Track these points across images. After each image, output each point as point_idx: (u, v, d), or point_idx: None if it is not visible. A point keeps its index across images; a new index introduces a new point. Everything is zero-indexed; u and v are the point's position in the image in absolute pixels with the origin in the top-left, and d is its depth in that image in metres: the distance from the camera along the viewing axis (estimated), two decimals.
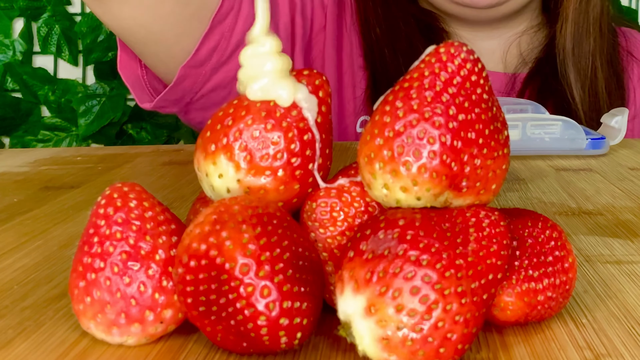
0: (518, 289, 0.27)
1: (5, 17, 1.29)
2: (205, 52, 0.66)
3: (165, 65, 0.68)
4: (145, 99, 0.71)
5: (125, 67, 0.70)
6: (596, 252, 0.37)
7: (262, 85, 0.29)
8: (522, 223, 0.29)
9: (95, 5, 0.61)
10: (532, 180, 0.54)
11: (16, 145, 1.30)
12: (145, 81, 0.71)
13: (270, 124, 0.28)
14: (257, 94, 0.29)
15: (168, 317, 0.27)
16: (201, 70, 0.67)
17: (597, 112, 0.80)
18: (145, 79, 0.70)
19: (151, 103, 0.70)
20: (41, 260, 0.37)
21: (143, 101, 0.71)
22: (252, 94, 0.29)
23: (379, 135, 0.26)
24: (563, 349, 0.27)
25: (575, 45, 0.80)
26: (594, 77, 0.80)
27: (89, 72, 1.31)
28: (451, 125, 0.26)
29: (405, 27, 0.81)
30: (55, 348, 0.27)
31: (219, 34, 0.66)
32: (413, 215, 0.25)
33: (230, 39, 0.67)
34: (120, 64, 0.70)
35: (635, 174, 0.56)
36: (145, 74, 0.70)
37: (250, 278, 0.25)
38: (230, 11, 0.66)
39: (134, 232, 0.27)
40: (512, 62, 0.84)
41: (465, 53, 0.27)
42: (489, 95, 0.27)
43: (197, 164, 0.29)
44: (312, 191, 0.29)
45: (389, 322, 0.24)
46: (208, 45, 0.65)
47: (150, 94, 0.71)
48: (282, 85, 0.29)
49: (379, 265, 0.24)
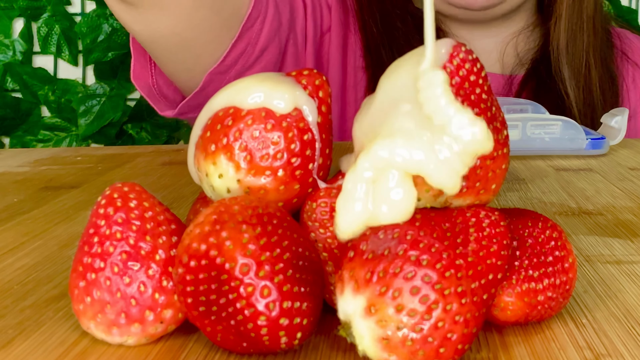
0: (518, 289, 0.27)
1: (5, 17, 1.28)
2: (232, 58, 0.66)
3: (189, 72, 0.67)
4: (163, 107, 0.71)
5: (139, 78, 0.70)
6: (596, 252, 0.37)
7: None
8: (522, 223, 0.29)
9: (127, 14, 0.60)
10: (532, 180, 0.54)
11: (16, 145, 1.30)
12: (156, 89, 0.71)
13: (270, 124, 0.28)
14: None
15: (168, 317, 0.27)
16: (225, 76, 0.68)
17: (592, 110, 0.80)
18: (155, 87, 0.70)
19: (173, 110, 0.70)
20: (41, 260, 0.37)
21: (163, 110, 0.71)
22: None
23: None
24: (563, 349, 0.27)
25: (569, 42, 0.80)
26: (587, 74, 0.81)
27: (89, 72, 1.31)
28: None
29: (402, 26, 0.81)
30: (55, 348, 0.27)
31: (247, 40, 0.66)
32: (413, 216, 0.25)
33: (256, 45, 0.67)
34: (134, 74, 0.70)
35: (635, 174, 0.56)
36: (155, 83, 0.70)
37: (250, 278, 0.25)
38: (257, 17, 0.66)
39: (134, 232, 0.27)
40: (509, 63, 0.84)
41: (464, 53, 0.27)
42: (488, 95, 0.27)
43: (197, 164, 0.29)
44: (312, 191, 0.29)
45: (389, 322, 0.24)
46: (236, 51, 0.66)
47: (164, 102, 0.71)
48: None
49: (379, 265, 0.24)
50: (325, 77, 0.30)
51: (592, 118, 0.80)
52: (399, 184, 0.25)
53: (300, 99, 0.29)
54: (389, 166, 0.25)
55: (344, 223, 0.26)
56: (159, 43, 0.64)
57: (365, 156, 0.25)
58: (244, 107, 0.28)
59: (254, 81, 0.29)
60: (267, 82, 0.29)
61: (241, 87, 0.29)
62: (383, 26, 0.81)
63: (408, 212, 0.25)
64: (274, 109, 0.28)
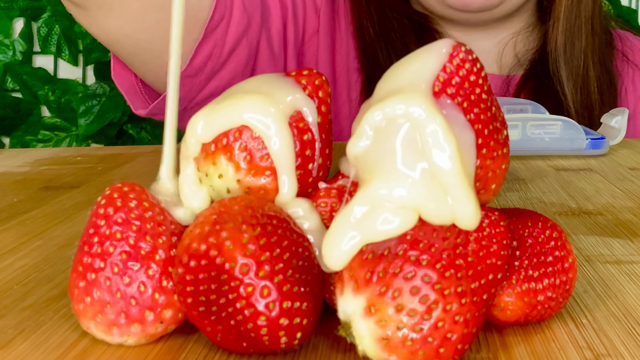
0: (518, 289, 0.27)
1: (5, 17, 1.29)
2: (199, 61, 0.66)
3: (155, 74, 0.67)
4: (139, 106, 0.71)
5: (119, 75, 0.70)
6: (596, 252, 0.37)
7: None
8: (522, 223, 0.29)
9: (81, 17, 0.61)
10: (532, 180, 0.54)
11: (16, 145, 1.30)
12: (140, 88, 0.70)
13: None
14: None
15: (168, 317, 0.27)
16: (195, 80, 0.67)
17: (590, 111, 0.80)
18: (140, 85, 0.70)
19: (145, 110, 0.70)
20: (41, 260, 0.37)
21: (137, 108, 0.70)
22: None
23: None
24: (563, 349, 0.27)
25: (567, 43, 0.80)
26: (585, 75, 0.81)
27: (89, 72, 1.31)
28: None
29: (399, 28, 0.81)
30: (55, 348, 0.27)
31: (212, 43, 0.66)
32: None
33: (223, 47, 0.67)
34: (114, 71, 0.70)
35: (635, 174, 0.56)
36: (139, 81, 0.70)
37: (250, 278, 0.25)
38: (221, 19, 0.66)
39: (134, 232, 0.27)
40: (507, 64, 0.84)
41: (464, 53, 0.27)
42: (488, 95, 0.27)
43: (197, 164, 0.29)
44: (312, 191, 0.29)
45: (388, 322, 0.24)
46: (202, 54, 0.65)
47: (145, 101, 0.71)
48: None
49: (378, 265, 0.24)
50: (325, 77, 0.30)
51: (590, 119, 0.80)
52: (396, 214, 0.25)
53: (299, 102, 0.29)
54: (387, 202, 0.25)
55: (335, 261, 0.25)
56: (116, 45, 0.64)
57: (364, 197, 0.25)
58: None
59: (240, 104, 0.28)
60: (255, 103, 0.28)
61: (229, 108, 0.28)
62: (380, 28, 0.81)
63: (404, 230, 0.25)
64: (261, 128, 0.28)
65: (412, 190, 0.24)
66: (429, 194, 0.24)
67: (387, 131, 0.25)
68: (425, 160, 0.24)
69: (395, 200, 0.24)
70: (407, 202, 0.24)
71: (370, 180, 0.25)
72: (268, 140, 0.27)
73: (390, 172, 0.25)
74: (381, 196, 0.24)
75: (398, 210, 0.24)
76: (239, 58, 0.69)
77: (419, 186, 0.24)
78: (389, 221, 0.24)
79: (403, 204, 0.24)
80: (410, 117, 0.24)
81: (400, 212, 0.24)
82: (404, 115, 0.24)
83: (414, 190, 0.24)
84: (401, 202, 0.24)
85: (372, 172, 0.25)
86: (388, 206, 0.24)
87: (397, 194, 0.24)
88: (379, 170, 0.25)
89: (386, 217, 0.24)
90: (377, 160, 0.25)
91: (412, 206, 0.24)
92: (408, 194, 0.24)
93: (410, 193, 0.24)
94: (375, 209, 0.25)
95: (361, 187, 0.25)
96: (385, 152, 0.25)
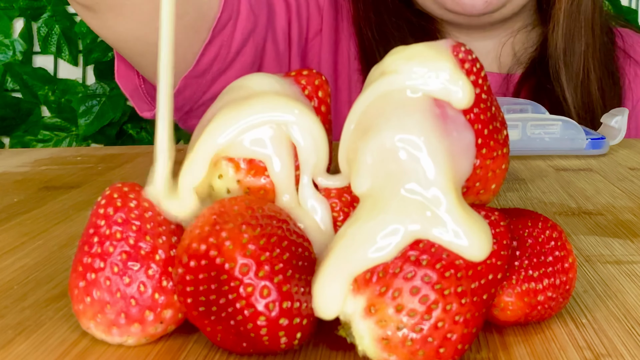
0: (518, 289, 0.27)
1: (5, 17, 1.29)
2: (206, 62, 0.66)
3: None
4: (145, 108, 0.71)
5: (123, 77, 0.70)
6: (596, 252, 0.37)
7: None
8: (522, 223, 0.29)
9: (90, 19, 0.60)
10: (532, 180, 0.54)
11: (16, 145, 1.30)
12: (143, 90, 0.70)
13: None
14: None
15: (168, 317, 0.27)
16: (202, 80, 0.67)
17: (591, 113, 0.80)
18: (143, 87, 0.70)
19: (151, 112, 0.70)
20: (41, 260, 0.37)
21: (143, 110, 0.70)
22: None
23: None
24: (563, 349, 0.27)
25: (567, 47, 0.80)
26: (586, 78, 0.80)
27: (89, 72, 1.31)
28: None
29: (398, 29, 0.81)
30: (55, 348, 0.27)
31: (219, 43, 0.66)
32: None
33: (230, 47, 0.67)
34: (118, 73, 0.70)
35: (635, 174, 0.56)
36: (142, 83, 0.70)
37: (250, 278, 0.25)
38: (229, 20, 0.66)
39: (134, 232, 0.27)
40: (506, 62, 0.84)
41: (463, 53, 0.27)
42: (488, 94, 0.27)
43: None
44: None
45: (388, 322, 0.24)
46: (209, 55, 0.65)
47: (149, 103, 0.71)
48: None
49: (378, 265, 0.24)
50: (325, 77, 0.30)
51: (591, 120, 0.80)
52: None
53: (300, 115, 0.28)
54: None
55: (329, 310, 0.25)
56: (126, 47, 0.63)
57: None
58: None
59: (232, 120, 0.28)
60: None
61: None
62: (378, 33, 0.81)
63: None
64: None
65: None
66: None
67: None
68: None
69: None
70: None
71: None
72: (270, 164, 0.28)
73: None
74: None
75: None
76: (245, 58, 0.69)
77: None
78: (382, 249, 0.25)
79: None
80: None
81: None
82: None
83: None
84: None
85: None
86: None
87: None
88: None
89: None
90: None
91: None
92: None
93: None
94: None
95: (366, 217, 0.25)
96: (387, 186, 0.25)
